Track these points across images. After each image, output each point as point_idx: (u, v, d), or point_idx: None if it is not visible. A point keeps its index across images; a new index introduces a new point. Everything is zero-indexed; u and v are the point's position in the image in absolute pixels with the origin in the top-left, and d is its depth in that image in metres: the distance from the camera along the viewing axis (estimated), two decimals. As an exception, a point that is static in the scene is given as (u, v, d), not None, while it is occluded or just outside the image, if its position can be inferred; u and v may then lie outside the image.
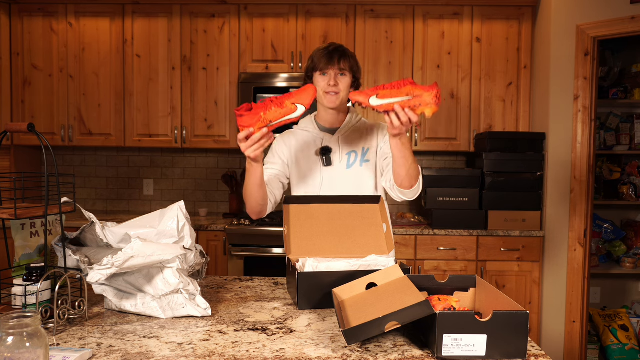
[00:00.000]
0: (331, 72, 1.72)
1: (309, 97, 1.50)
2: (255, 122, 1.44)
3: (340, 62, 1.71)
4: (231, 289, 1.61)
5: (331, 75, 1.72)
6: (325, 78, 1.73)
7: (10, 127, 1.28)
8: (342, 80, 1.74)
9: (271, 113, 1.45)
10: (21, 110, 3.53)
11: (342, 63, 1.72)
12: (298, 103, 1.47)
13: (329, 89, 1.73)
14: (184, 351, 1.08)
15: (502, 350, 1.04)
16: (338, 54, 1.72)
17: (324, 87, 1.73)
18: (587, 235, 3.03)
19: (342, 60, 1.72)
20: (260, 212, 1.75)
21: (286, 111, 1.46)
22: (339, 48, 1.75)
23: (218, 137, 3.48)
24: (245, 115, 1.44)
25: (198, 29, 3.46)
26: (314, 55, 1.76)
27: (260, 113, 1.44)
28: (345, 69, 1.73)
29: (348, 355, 1.06)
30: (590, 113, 3.00)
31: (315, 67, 1.74)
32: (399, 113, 1.43)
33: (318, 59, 1.73)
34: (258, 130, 1.45)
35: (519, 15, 3.38)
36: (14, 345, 0.81)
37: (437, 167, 3.77)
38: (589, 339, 3.30)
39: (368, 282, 1.31)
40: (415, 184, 1.67)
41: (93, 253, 1.33)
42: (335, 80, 1.72)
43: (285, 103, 1.46)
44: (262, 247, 3.11)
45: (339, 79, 1.73)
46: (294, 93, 1.50)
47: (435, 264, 3.14)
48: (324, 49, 1.75)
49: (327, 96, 1.74)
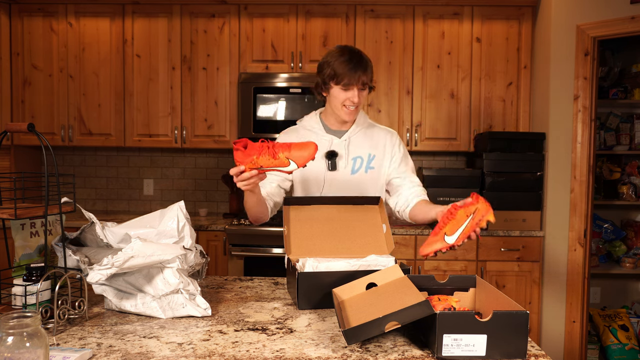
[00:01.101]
0: (355, 90, 1.67)
1: (305, 158, 1.44)
2: (247, 163, 1.42)
3: (363, 77, 1.66)
4: (231, 289, 1.61)
5: (354, 93, 1.67)
6: (346, 93, 1.68)
7: (10, 127, 1.28)
8: (362, 95, 1.70)
9: (263, 159, 1.42)
10: (21, 110, 3.53)
11: (364, 77, 1.66)
12: (292, 160, 1.43)
13: (349, 103, 1.69)
14: (184, 351, 1.08)
15: (502, 350, 1.04)
16: (362, 69, 1.65)
17: (344, 101, 1.69)
18: (587, 235, 3.03)
19: (364, 75, 1.66)
20: (260, 220, 1.74)
21: (278, 163, 1.43)
22: (361, 61, 1.67)
23: (218, 137, 3.48)
24: (240, 151, 1.44)
25: (198, 29, 3.46)
26: (334, 65, 1.66)
27: (253, 156, 1.42)
28: (367, 83, 1.68)
29: (348, 355, 1.06)
30: (590, 113, 3.00)
31: (338, 80, 1.66)
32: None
33: (341, 72, 1.65)
34: (248, 170, 1.43)
35: (519, 15, 3.38)
36: (14, 345, 0.81)
37: (437, 167, 3.77)
38: (589, 339, 3.30)
39: (368, 282, 1.31)
40: None
41: (93, 253, 1.33)
42: (358, 96, 1.68)
43: (279, 156, 1.43)
44: (262, 247, 3.11)
45: (360, 93, 1.69)
46: (293, 145, 1.44)
47: (435, 264, 3.14)
48: (346, 60, 1.65)
49: (346, 109, 1.70)
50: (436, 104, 3.43)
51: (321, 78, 1.71)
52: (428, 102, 3.43)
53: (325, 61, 1.70)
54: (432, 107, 3.43)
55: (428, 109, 3.43)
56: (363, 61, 1.67)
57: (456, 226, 1.40)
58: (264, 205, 1.68)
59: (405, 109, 3.44)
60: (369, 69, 1.68)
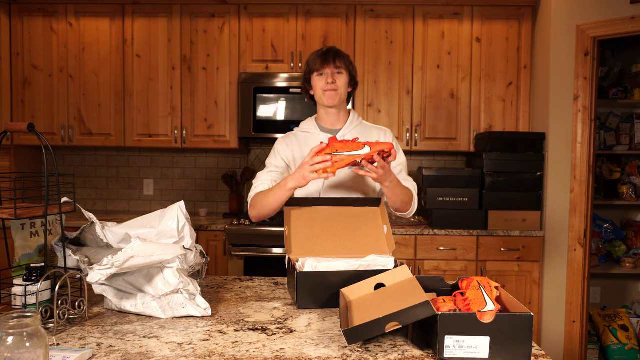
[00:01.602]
0: (328, 71, 1.77)
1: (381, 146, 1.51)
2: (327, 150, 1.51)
3: (336, 61, 1.77)
4: (231, 289, 1.60)
5: (328, 74, 1.77)
6: (322, 78, 1.79)
7: (10, 127, 1.27)
8: (339, 78, 1.79)
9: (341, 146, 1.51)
10: (21, 110, 3.53)
11: (338, 62, 1.78)
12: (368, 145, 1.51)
13: (328, 87, 1.77)
14: (184, 351, 1.08)
15: (506, 353, 1.02)
16: (332, 54, 1.78)
17: (322, 86, 1.78)
18: (587, 235, 3.03)
19: (337, 59, 1.78)
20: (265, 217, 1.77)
21: (354, 147, 1.51)
22: (332, 49, 1.80)
23: (218, 137, 3.48)
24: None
25: (198, 29, 3.46)
26: (309, 59, 1.82)
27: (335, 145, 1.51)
28: (341, 67, 1.78)
29: (348, 355, 1.06)
30: (590, 113, 3.00)
31: (312, 69, 1.79)
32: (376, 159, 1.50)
33: (313, 62, 1.79)
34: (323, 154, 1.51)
35: (519, 15, 3.38)
36: (14, 345, 0.81)
37: (437, 167, 3.77)
38: (589, 339, 3.30)
39: (376, 282, 1.30)
40: (410, 207, 1.79)
41: (93, 253, 1.33)
42: (332, 77, 1.77)
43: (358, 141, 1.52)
44: (262, 247, 3.11)
45: (336, 77, 1.78)
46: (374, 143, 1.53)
47: (435, 264, 3.13)
48: (317, 51, 1.81)
49: (327, 94, 1.78)
50: (436, 104, 3.43)
51: (304, 78, 1.85)
52: (428, 102, 3.43)
53: (305, 63, 1.85)
54: (432, 107, 3.43)
55: (428, 108, 3.43)
56: (334, 49, 1.80)
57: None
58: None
59: (405, 108, 3.44)
60: (342, 57, 1.78)
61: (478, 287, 1.17)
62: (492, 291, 1.16)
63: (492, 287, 1.18)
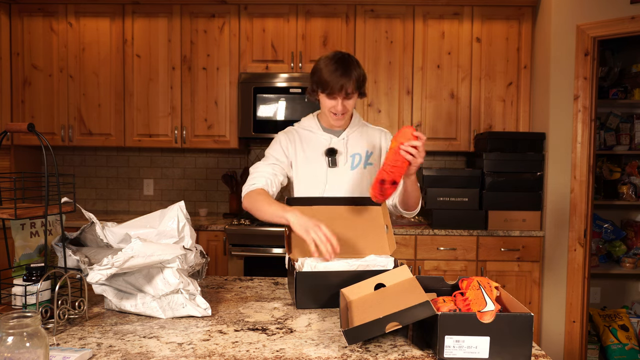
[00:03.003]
0: (338, 99, 1.69)
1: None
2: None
3: (347, 86, 1.66)
4: (231, 289, 1.60)
5: (338, 102, 1.70)
6: (331, 101, 1.71)
7: (10, 127, 1.27)
8: (348, 103, 1.72)
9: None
10: (21, 110, 3.53)
11: (349, 87, 1.66)
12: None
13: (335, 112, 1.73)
14: (184, 351, 1.08)
15: (506, 353, 1.02)
16: (346, 78, 1.65)
17: (330, 108, 1.73)
18: (587, 235, 3.03)
19: (349, 85, 1.66)
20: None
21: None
22: (347, 71, 1.66)
23: (218, 137, 3.48)
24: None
25: (198, 29, 3.46)
26: (321, 73, 1.68)
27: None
28: (351, 93, 1.69)
29: (348, 355, 1.06)
30: (590, 113, 3.00)
31: (323, 88, 1.69)
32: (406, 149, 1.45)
33: (325, 81, 1.66)
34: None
35: (519, 15, 3.38)
36: (14, 345, 0.81)
37: (437, 167, 3.77)
38: (589, 339, 3.30)
39: (376, 282, 1.30)
40: (419, 205, 1.77)
41: (93, 253, 1.33)
42: (342, 105, 1.70)
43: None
44: (262, 247, 3.11)
45: (346, 102, 1.71)
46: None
47: (435, 264, 3.13)
48: (332, 70, 1.65)
49: (333, 116, 1.75)
50: (436, 104, 3.43)
51: (311, 83, 1.75)
52: (428, 102, 3.43)
53: (316, 67, 1.72)
54: (432, 107, 3.43)
55: (428, 109, 3.43)
56: (349, 71, 1.66)
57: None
58: None
59: (405, 109, 3.44)
60: (354, 78, 1.66)
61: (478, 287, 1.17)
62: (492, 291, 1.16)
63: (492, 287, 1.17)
